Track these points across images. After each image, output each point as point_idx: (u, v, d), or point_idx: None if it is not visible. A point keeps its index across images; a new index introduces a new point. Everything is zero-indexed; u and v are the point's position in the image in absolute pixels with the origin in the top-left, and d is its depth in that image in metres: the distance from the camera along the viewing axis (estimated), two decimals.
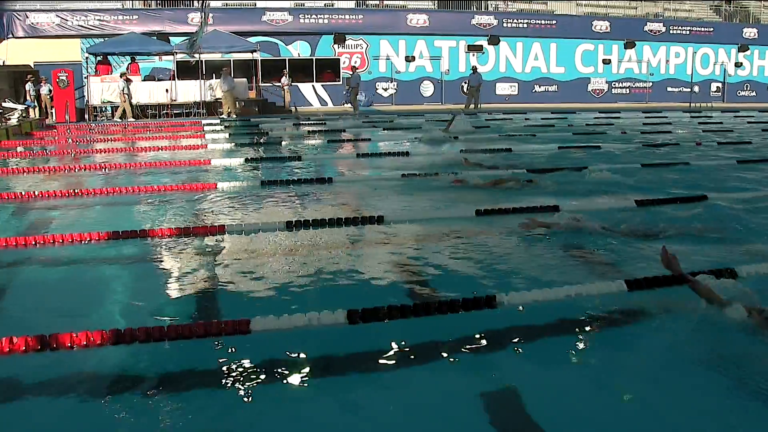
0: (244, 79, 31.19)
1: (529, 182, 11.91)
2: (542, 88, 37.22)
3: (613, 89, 38.27)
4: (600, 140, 19.15)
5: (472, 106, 32.18)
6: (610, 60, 37.90)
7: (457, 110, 30.92)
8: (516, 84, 36.91)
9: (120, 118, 27.83)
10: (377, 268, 7.24)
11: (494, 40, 35.88)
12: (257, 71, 32.11)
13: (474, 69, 33.16)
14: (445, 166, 14.23)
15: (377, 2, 37.38)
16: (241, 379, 4.77)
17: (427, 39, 35.60)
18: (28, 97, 26.72)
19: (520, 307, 5.71)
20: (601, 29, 37.37)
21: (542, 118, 26.70)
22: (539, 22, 36.86)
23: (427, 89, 35.95)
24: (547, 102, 36.26)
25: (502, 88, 36.73)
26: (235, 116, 28.41)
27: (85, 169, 15.29)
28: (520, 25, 36.47)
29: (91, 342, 5.28)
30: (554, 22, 36.98)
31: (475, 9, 37.51)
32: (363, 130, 23.23)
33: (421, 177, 12.80)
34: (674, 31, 38.62)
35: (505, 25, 36.19)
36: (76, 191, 12.15)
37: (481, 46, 35.95)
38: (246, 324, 5.45)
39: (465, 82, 34.02)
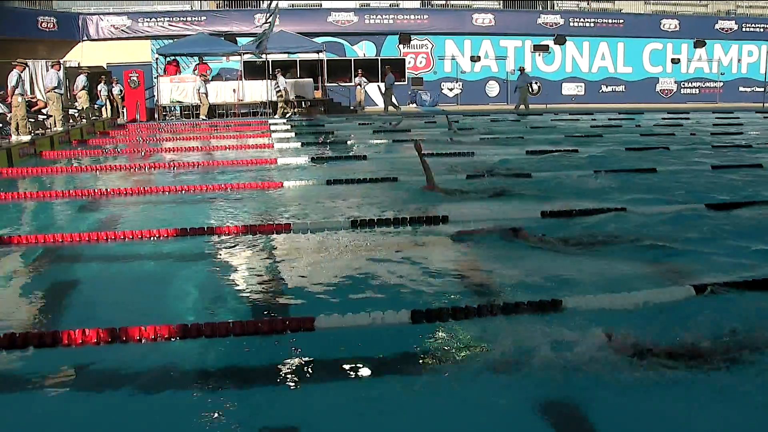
0: (310, 80, 31.46)
1: (500, 194, 11.29)
2: (609, 89, 36.67)
3: (682, 89, 37.49)
4: (669, 142, 18.75)
5: (522, 106, 31.81)
6: (679, 59, 37.14)
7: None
8: (582, 84, 36.43)
9: (205, 116, 28.34)
10: (441, 268, 7.23)
11: (560, 40, 35.47)
12: (323, 71, 32.33)
13: (521, 69, 32.81)
14: (511, 166, 14.15)
15: (443, 2, 37.27)
16: (305, 375, 4.82)
17: (492, 39, 35.36)
18: (100, 97, 27.35)
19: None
20: (669, 28, 36.66)
21: (609, 119, 26.33)
22: (606, 21, 36.30)
23: (493, 89, 35.71)
24: (613, 102, 35.70)
25: (569, 89, 36.30)
26: (287, 116, 28.74)
27: (154, 168, 15.58)
28: (587, 25, 35.98)
29: (159, 336, 5.41)
30: (622, 21, 36.39)
31: (541, 8, 37.16)
32: (427, 130, 23.21)
33: (486, 177, 12.74)
34: (747, 29, 37.63)
35: (571, 24, 35.76)
36: (145, 189, 12.41)
37: (547, 45, 35.56)
38: (311, 322, 5.51)
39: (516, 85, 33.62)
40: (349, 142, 19.79)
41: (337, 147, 18.34)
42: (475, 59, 35.30)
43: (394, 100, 31.58)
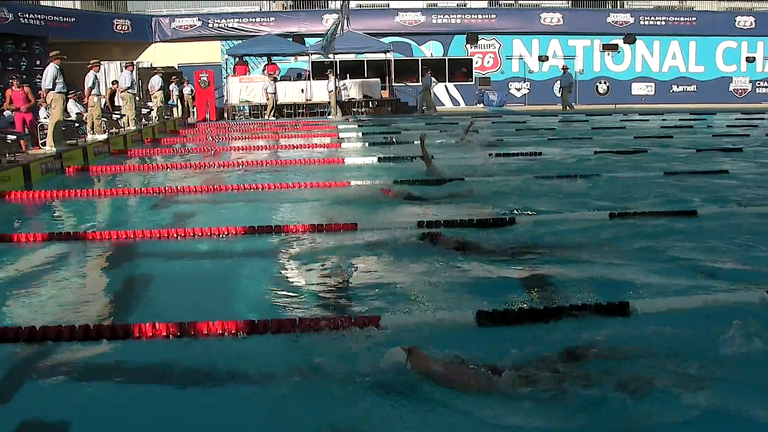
0: (377, 80, 31.58)
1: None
2: (680, 88, 35.89)
3: (757, 89, 36.45)
4: (743, 143, 18.29)
5: (567, 107, 31.29)
6: (754, 58, 36.12)
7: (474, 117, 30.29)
8: (652, 84, 35.73)
9: (273, 116, 28.71)
10: (506, 270, 7.19)
11: (630, 39, 34.87)
12: (390, 71, 32.42)
13: (564, 69, 32.25)
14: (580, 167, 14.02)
15: (511, 2, 37.04)
16: (369, 372, 4.84)
17: (560, 38, 34.95)
18: (171, 97, 27.88)
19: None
20: (744, 25, 35.70)
21: (680, 119, 25.82)
22: (678, 19, 35.53)
23: None
24: (684, 102, 34.93)
25: (638, 89, 35.64)
26: (339, 116, 28.88)
27: (223, 166, 15.82)
28: (658, 23, 35.30)
29: (227, 331, 5.50)
30: (694, 19, 35.57)
31: (610, 7, 36.61)
32: (495, 130, 23.08)
33: (552, 178, 12.63)
34: None
35: (641, 22, 35.10)
36: (214, 187, 12.63)
37: (617, 45, 35.00)
38: (376, 320, 5.54)
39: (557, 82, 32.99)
40: (416, 143, 19.76)
41: (404, 147, 18.33)
42: (543, 59, 34.94)
43: (429, 102, 31.11)
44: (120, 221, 10.44)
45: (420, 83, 31.85)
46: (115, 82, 24.25)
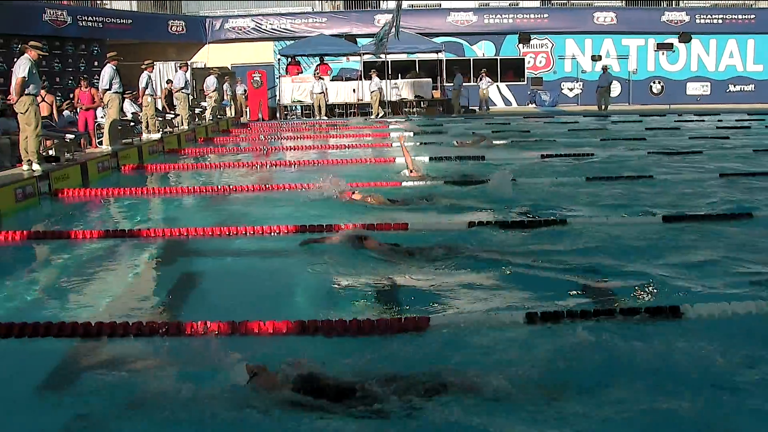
0: (429, 79, 31.55)
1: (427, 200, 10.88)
2: (737, 88, 35.16)
3: None
4: None
5: (603, 107, 30.79)
6: None
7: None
8: (708, 84, 35.08)
9: (324, 115, 28.89)
10: (557, 270, 7.14)
11: (685, 38, 34.27)
12: (442, 71, 32.35)
13: (604, 69, 31.76)
14: (632, 168, 13.84)
15: (563, 1, 36.69)
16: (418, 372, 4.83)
17: (614, 38, 34.49)
18: (225, 97, 28.18)
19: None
20: None
21: (737, 120, 25.32)
22: (735, 16, 34.76)
23: (614, 89, 34.80)
24: (742, 102, 34.20)
25: (693, 88, 35.01)
26: (382, 116, 28.88)
27: (274, 165, 15.92)
28: (714, 21, 34.62)
29: (277, 331, 5.55)
30: (752, 16, 34.75)
31: (665, 5, 36.02)
32: (546, 131, 22.92)
33: (607, 180, 12.50)
34: None
35: (697, 21, 34.44)
36: (266, 185, 12.74)
37: (671, 44, 34.42)
38: (426, 321, 5.55)
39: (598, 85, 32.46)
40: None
41: (456, 147, 18.29)
42: (596, 58, 34.49)
43: (455, 103, 30.82)
44: (173, 219, 10.56)
45: (475, 83, 31.70)
46: (169, 81, 24.63)
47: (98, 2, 29.94)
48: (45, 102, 16.68)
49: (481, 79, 31.08)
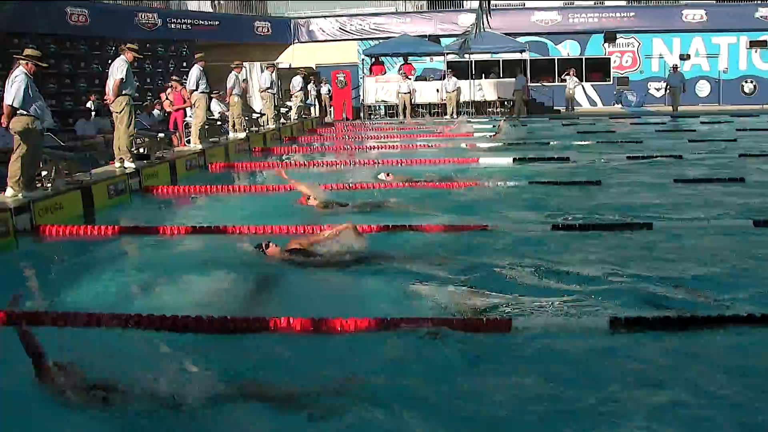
0: (513, 79, 31.15)
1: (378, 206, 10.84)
2: None
3: None
4: None
5: (676, 109, 29.76)
6: None
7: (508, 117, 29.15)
8: None
9: (409, 115, 28.95)
10: (643, 276, 6.99)
11: None
12: (526, 71, 32.04)
13: (674, 68, 30.77)
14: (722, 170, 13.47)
15: None
16: (501, 375, 4.82)
17: (703, 36, 33.56)
18: (309, 97, 28.51)
19: None
20: None
21: None
22: None
23: (703, 89, 33.85)
24: None
25: None
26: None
27: (358, 164, 15.99)
28: None
29: (359, 328, 5.59)
30: None
31: (759, 1, 34.81)
32: (633, 132, 22.51)
33: (697, 183, 12.20)
34: None
35: None
36: (349, 185, 12.83)
37: (765, 41, 33.30)
38: (508, 323, 5.52)
39: (665, 83, 31.32)
40: (552, 143, 19.47)
41: (540, 148, 18.11)
42: (684, 57, 33.60)
43: (519, 105, 30.16)
44: (258, 216, 10.66)
45: (562, 83, 31.25)
46: (245, 80, 24.97)
47: (186, 3, 30.67)
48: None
49: (567, 78, 30.64)
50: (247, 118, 20.37)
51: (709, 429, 4.13)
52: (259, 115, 22.44)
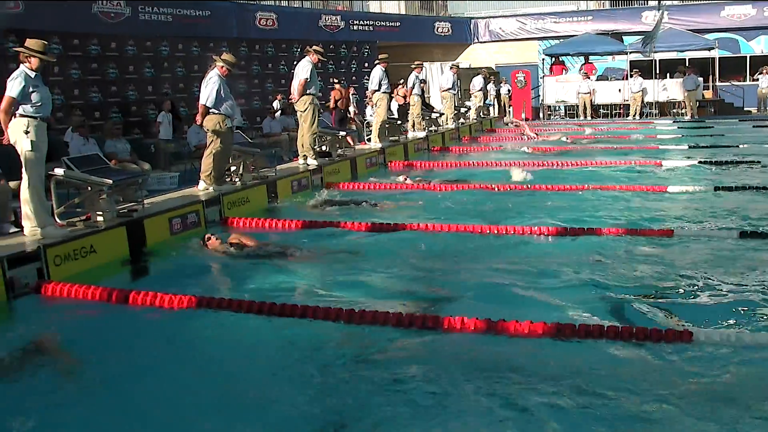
0: (700, 79, 29.83)
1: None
2: None
3: None
4: None
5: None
6: None
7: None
8: None
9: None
10: None
11: None
12: (714, 70, 30.52)
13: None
14: None
15: None
16: (679, 389, 4.67)
17: None
18: (488, 97, 28.47)
19: None
20: None
21: None
22: None
23: None
24: None
25: None
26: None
27: (536, 165, 15.76)
28: None
29: (533, 332, 5.56)
30: None
31: None
32: None
33: None
34: None
35: None
36: (526, 186, 12.74)
37: None
38: (689, 335, 5.35)
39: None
40: (741, 146, 18.46)
41: (728, 150, 17.24)
42: None
43: (690, 105, 28.24)
44: (431, 215, 10.73)
45: (755, 82, 29.50)
46: (423, 81, 25.14)
47: (368, 3, 31.38)
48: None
49: (760, 78, 28.94)
50: (426, 117, 20.61)
51: None
52: (438, 114, 22.64)
